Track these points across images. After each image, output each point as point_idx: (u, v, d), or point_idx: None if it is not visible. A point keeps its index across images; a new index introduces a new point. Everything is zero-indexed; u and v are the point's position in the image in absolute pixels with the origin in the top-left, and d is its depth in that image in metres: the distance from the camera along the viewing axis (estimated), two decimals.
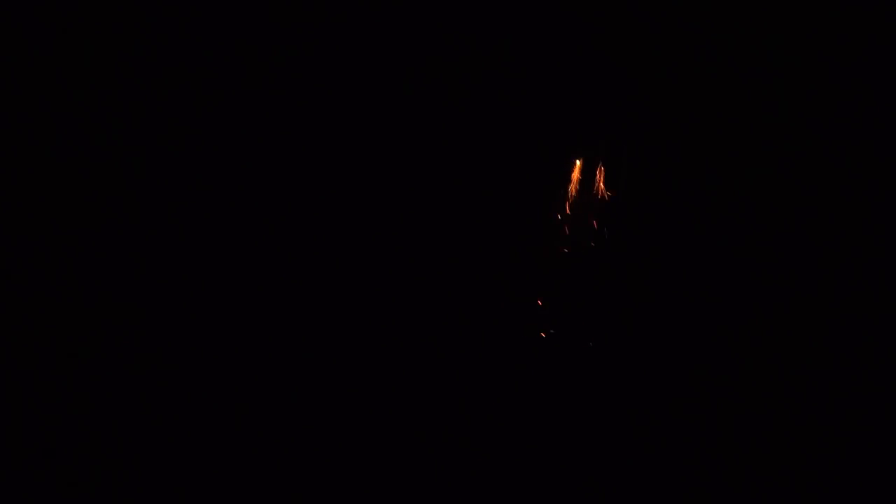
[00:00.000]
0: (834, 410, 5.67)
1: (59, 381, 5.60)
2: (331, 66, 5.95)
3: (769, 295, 5.80)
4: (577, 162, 5.90)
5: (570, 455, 5.73)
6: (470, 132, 5.95)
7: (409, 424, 5.78)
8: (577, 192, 5.92)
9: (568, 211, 5.90)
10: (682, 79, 5.89)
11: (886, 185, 5.79)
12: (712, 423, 5.71)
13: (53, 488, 5.43)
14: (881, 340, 5.69)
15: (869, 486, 5.51)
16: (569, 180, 5.92)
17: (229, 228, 5.88)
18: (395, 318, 5.87)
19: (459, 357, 5.86)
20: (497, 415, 5.80)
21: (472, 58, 5.92)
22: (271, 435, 5.68)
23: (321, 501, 5.61)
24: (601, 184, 5.88)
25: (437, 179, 5.93)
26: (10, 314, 5.62)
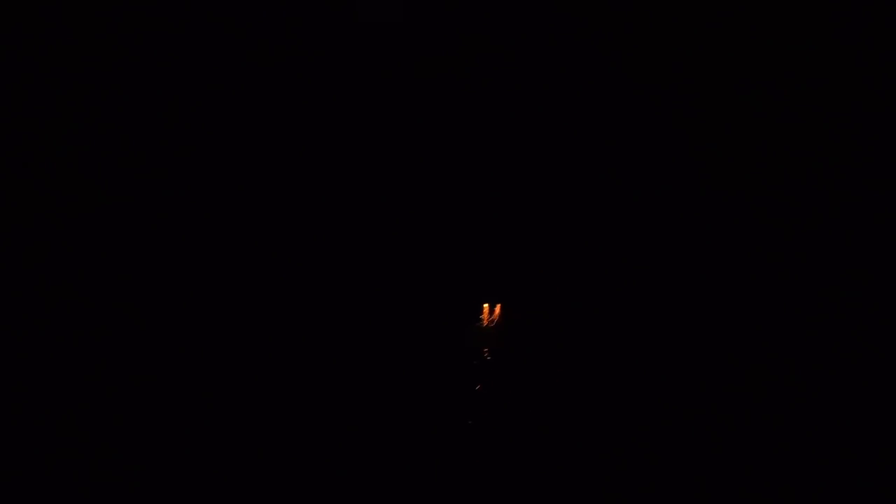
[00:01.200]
0: (831, 414, 5.70)
1: (58, 381, 5.61)
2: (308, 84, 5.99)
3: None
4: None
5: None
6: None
7: (404, 425, 5.81)
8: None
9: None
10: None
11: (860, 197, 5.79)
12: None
13: (53, 488, 5.44)
14: (879, 343, 5.72)
15: (869, 486, 5.53)
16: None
17: (227, 227, 5.90)
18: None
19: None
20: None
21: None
22: (269, 435, 5.69)
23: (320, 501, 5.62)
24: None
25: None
26: (10, 314, 5.64)
